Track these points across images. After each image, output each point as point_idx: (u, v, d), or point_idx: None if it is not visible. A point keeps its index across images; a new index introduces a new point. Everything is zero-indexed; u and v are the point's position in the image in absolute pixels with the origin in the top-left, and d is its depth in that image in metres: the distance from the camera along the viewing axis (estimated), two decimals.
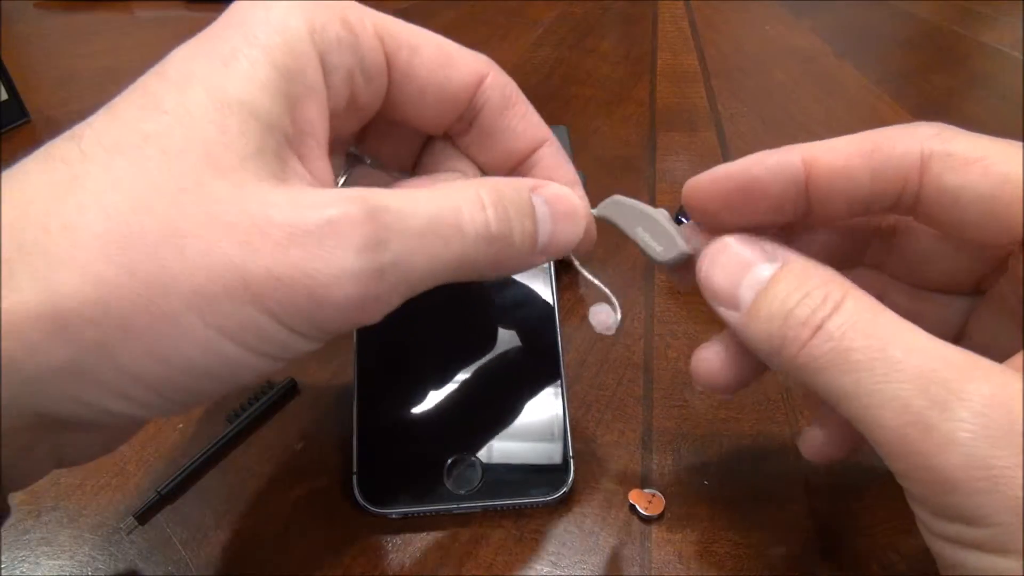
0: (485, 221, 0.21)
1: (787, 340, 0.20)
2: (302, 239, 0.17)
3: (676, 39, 0.75)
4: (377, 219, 0.18)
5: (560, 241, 0.23)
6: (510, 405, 0.31)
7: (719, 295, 0.22)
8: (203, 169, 0.17)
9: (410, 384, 0.31)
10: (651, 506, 0.29)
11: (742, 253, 0.22)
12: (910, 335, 0.18)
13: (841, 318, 0.19)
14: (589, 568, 0.27)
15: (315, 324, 0.18)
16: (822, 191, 0.22)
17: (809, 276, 0.20)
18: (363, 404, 0.30)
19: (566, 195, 0.24)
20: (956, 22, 0.79)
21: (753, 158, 0.23)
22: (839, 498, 0.30)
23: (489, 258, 0.21)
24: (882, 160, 0.21)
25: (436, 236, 0.19)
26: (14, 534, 0.28)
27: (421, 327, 0.32)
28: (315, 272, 0.17)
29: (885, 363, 0.18)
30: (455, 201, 0.20)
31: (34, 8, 1.00)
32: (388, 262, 0.18)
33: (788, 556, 0.28)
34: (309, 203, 0.18)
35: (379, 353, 0.31)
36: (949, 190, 0.20)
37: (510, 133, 0.25)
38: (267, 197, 0.18)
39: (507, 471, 0.29)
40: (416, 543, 0.28)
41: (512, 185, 0.22)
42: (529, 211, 0.22)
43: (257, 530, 0.28)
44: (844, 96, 0.62)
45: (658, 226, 0.24)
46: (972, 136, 0.20)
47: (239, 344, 0.17)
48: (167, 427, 0.33)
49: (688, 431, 0.33)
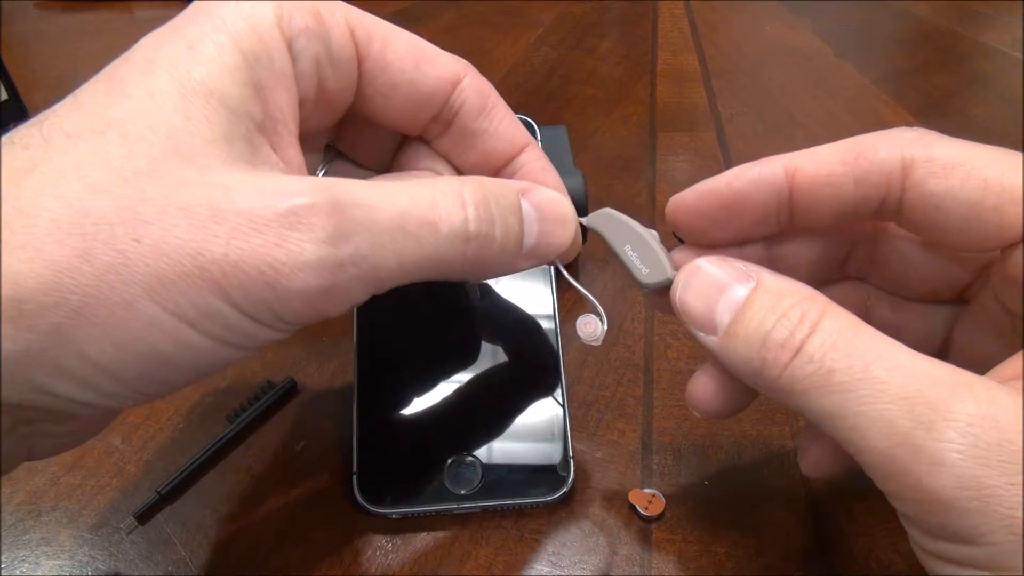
0: (463, 219, 0.20)
1: (767, 363, 0.20)
2: (263, 227, 0.17)
3: (676, 39, 0.75)
4: (343, 210, 0.18)
5: (548, 245, 0.23)
6: (510, 405, 0.31)
7: (696, 320, 0.22)
8: (165, 154, 0.17)
9: (410, 384, 0.31)
10: (651, 506, 0.29)
11: (715, 275, 0.22)
12: (893, 353, 0.18)
13: (820, 338, 0.19)
14: (589, 568, 0.27)
15: (276, 313, 0.18)
16: (806, 200, 0.22)
17: (784, 295, 0.20)
18: (363, 404, 0.30)
19: (557, 199, 0.23)
20: (956, 22, 0.79)
21: (735, 171, 0.23)
22: (839, 498, 0.30)
23: (467, 258, 0.21)
24: (865, 167, 0.21)
25: (406, 232, 0.19)
26: (14, 534, 0.28)
27: (421, 327, 0.32)
28: (275, 261, 0.17)
29: (869, 384, 0.18)
30: (431, 197, 0.20)
31: (34, 8, 1.00)
32: (350, 255, 0.18)
33: (788, 556, 0.28)
34: (274, 190, 0.18)
35: (379, 353, 0.31)
36: (931, 195, 0.20)
37: (488, 136, 0.24)
38: (231, 182, 0.17)
39: (507, 471, 0.29)
40: (416, 543, 0.28)
41: (500, 184, 0.22)
42: (515, 211, 0.22)
43: (257, 530, 0.28)
44: (844, 96, 0.62)
45: (647, 248, 0.24)
46: (954, 141, 0.21)
47: (200, 332, 0.17)
48: (167, 427, 0.33)
49: (688, 431, 0.33)
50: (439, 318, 0.33)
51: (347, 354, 0.31)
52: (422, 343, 0.32)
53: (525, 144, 0.25)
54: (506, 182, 0.23)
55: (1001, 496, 0.16)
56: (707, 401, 0.24)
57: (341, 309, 0.19)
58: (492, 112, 0.24)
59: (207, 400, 0.34)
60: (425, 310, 0.33)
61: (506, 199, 0.21)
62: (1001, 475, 0.16)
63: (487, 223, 0.21)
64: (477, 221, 0.20)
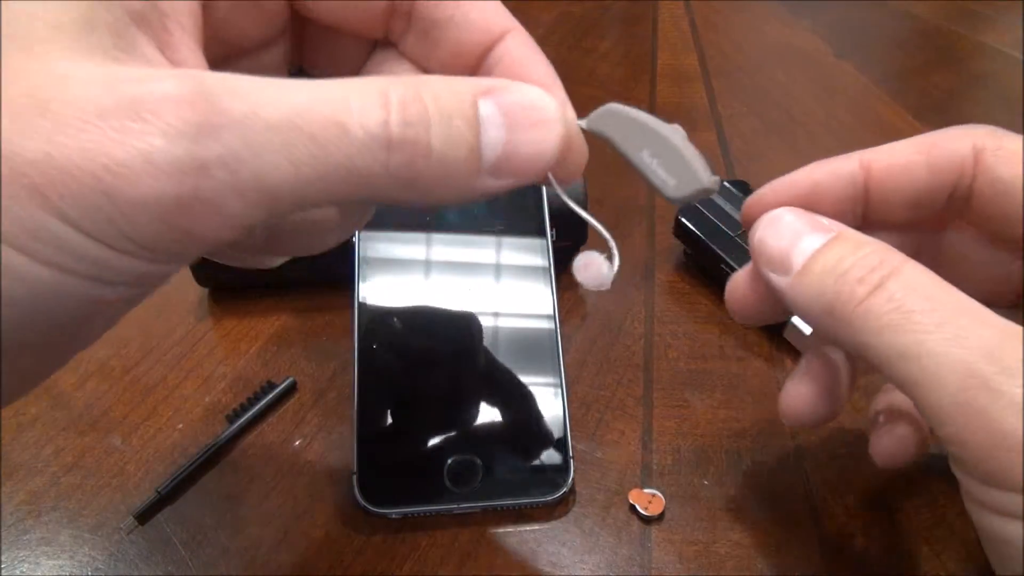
0: (383, 121, 0.16)
1: (841, 296, 0.20)
2: (99, 119, 0.13)
3: (676, 39, 0.75)
4: (211, 100, 0.14)
5: (521, 155, 0.18)
6: (510, 405, 0.31)
7: (771, 258, 0.22)
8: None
9: (410, 384, 0.31)
10: (651, 506, 0.29)
11: (797, 222, 0.22)
12: (976, 307, 0.19)
13: (902, 281, 0.19)
14: (589, 568, 0.27)
15: (123, 232, 0.14)
16: (882, 190, 0.23)
17: (864, 244, 0.20)
18: (363, 404, 0.30)
19: (533, 98, 0.18)
20: (956, 22, 0.79)
21: (812, 166, 0.24)
22: (839, 498, 0.30)
23: (391, 171, 0.16)
24: (938, 154, 0.22)
25: (302, 132, 0.15)
26: (14, 534, 0.28)
27: (421, 327, 0.32)
28: (111, 161, 0.13)
29: (952, 328, 0.18)
30: (342, 93, 0.16)
31: None
32: (217, 155, 0.14)
33: (788, 556, 0.28)
34: (127, 79, 0.14)
35: (379, 353, 0.31)
36: (1000, 180, 0.21)
37: (454, 25, 0.20)
38: (72, 72, 0.14)
39: (507, 471, 0.29)
40: (416, 543, 0.28)
41: (449, 83, 0.17)
42: (466, 114, 0.17)
43: (257, 530, 0.28)
44: (844, 96, 0.62)
45: (672, 150, 0.19)
46: (1021, 137, 0.22)
47: (32, 257, 0.13)
48: (167, 427, 0.33)
49: (688, 431, 0.33)
50: (439, 318, 0.33)
51: (347, 354, 0.31)
52: (422, 343, 0.32)
53: (503, 31, 0.20)
54: (460, 80, 0.17)
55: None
56: (802, 408, 0.24)
57: (217, 231, 0.15)
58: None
59: (207, 400, 0.34)
60: (425, 310, 0.33)
61: (453, 99, 0.17)
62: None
63: (418, 127, 0.16)
64: (402, 124, 0.16)
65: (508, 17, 0.20)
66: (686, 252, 0.42)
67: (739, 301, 0.25)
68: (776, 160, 0.52)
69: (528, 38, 0.21)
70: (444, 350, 0.32)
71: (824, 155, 0.24)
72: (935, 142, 0.23)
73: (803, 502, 0.30)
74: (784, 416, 0.25)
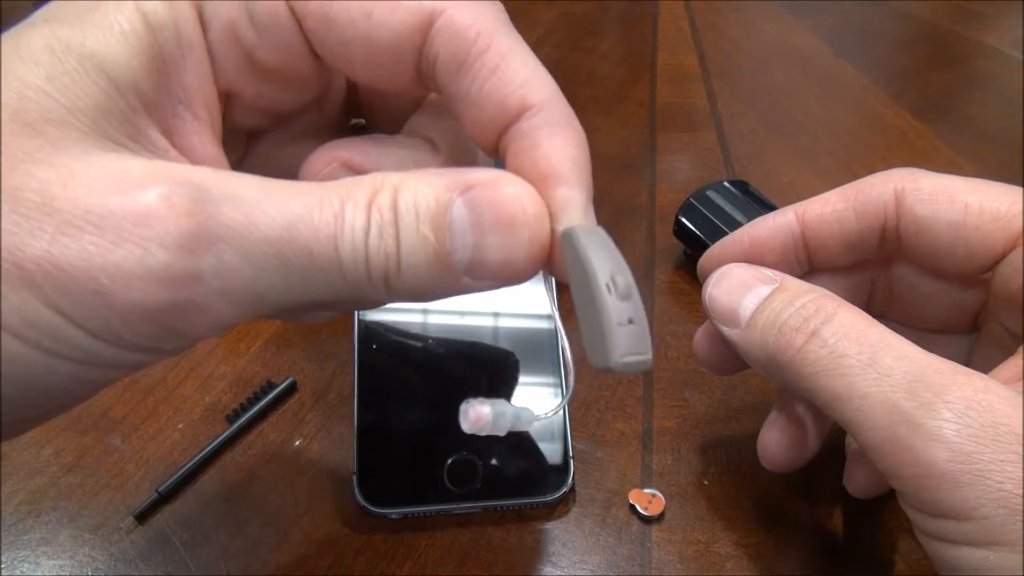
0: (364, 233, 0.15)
1: (781, 346, 0.21)
2: (99, 221, 0.14)
3: (676, 39, 0.75)
4: (208, 208, 0.14)
5: (490, 261, 0.16)
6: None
7: (721, 314, 0.24)
8: (8, 117, 0.14)
9: (410, 384, 0.31)
10: (651, 506, 0.29)
11: (743, 276, 0.24)
12: (899, 344, 0.20)
13: (834, 327, 0.21)
14: (589, 568, 0.27)
15: (112, 327, 0.14)
16: (817, 237, 0.25)
17: (803, 292, 0.22)
18: (363, 404, 0.30)
19: (505, 195, 0.16)
20: (956, 22, 0.79)
21: (752, 223, 0.26)
22: (839, 499, 0.30)
23: (375, 285, 0.16)
24: (863, 200, 0.24)
25: (296, 245, 0.15)
26: (14, 534, 0.28)
27: (420, 327, 0.32)
28: (107, 265, 0.14)
29: (876, 368, 0.19)
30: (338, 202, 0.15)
31: (33, 8, 1.00)
32: (212, 266, 0.14)
33: (788, 556, 0.28)
34: (128, 177, 0.14)
35: (379, 353, 0.31)
36: (921, 219, 0.23)
37: (470, 103, 0.18)
38: (79, 164, 0.14)
39: (507, 471, 0.29)
40: (416, 543, 0.28)
41: (428, 184, 0.16)
42: (433, 219, 0.16)
43: (257, 530, 0.28)
44: (844, 96, 0.62)
45: (601, 315, 0.17)
46: (940, 175, 0.24)
47: (26, 342, 0.14)
48: (167, 427, 0.33)
49: (688, 431, 0.33)
50: (440, 318, 0.32)
51: (347, 354, 0.31)
52: (422, 343, 0.32)
53: (525, 106, 0.17)
54: (442, 178, 0.16)
55: (992, 471, 0.17)
56: (775, 453, 0.26)
57: (206, 331, 0.15)
58: (477, 64, 0.17)
59: (207, 400, 0.34)
60: (424, 310, 0.33)
61: (426, 203, 0.16)
62: (993, 452, 0.18)
63: (388, 239, 0.16)
64: (377, 237, 0.15)
65: (536, 87, 0.18)
66: (686, 252, 0.42)
67: (704, 353, 0.27)
68: (776, 160, 0.52)
69: (552, 112, 0.18)
70: (444, 350, 0.32)
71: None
72: (860, 189, 0.24)
73: (803, 502, 0.30)
74: (761, 460, 0.27)
